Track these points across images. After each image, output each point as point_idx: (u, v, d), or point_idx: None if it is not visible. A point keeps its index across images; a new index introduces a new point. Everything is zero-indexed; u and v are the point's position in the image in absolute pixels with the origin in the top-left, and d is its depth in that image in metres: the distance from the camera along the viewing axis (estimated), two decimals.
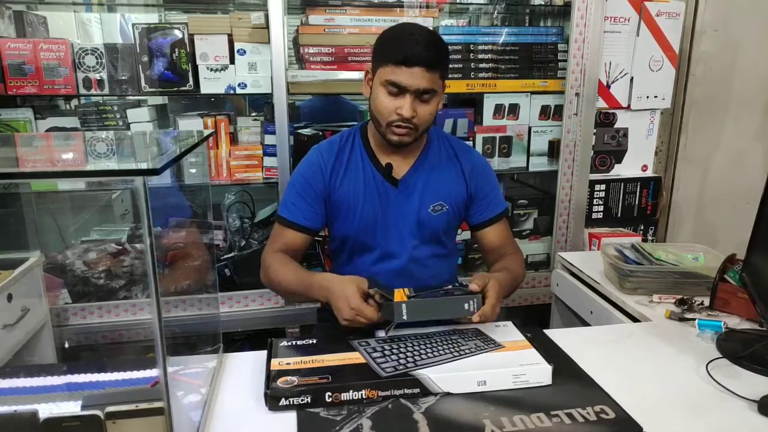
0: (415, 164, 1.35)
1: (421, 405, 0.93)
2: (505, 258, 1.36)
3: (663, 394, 0.98)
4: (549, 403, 0.94)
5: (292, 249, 1.33)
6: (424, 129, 1.28)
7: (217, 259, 1.97)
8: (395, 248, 1.34)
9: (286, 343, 1.08)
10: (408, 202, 1.34)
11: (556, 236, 2.09)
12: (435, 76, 1.21)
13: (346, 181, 1.33)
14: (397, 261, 1.34)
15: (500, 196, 1.42)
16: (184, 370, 1.03)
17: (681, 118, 2.35)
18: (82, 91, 1.77)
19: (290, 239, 1.33)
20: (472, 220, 1.40)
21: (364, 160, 1.35)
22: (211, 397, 0.96)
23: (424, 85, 1.20)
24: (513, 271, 1.31)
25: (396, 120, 1.23)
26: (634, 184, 2.19)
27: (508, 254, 1.37)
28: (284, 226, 1.34)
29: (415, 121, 1.23)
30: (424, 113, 1.24)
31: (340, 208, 1.33)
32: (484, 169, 1.41)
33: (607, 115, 2.14)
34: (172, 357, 1.08)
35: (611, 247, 1.50)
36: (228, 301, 1.93)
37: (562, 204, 2.06)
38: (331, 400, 0.93)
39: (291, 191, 1.35)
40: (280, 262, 1.30)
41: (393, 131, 1.25)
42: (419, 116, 1.23)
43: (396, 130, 1.24)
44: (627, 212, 2.20)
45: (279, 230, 1.35)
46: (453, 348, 1.05)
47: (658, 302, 1.34)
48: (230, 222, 2.05)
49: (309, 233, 1.34)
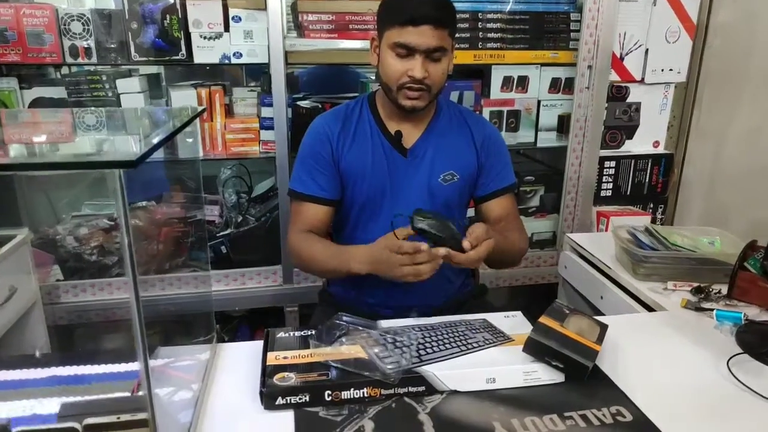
0: (425, 132, 1.29)
1: (427, 405, 0.88)
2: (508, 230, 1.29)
3: (682, 394, 0.93)
4: (562, 403, 0.89)
5: (316, 225, 1.27)
6: (438, 91, 1.22)
7: (213, 236, 1.91)
8: (403, 221, 1.27)
9: (284, 334, 1.02)
10: (418, 172, 1.27)
11: (563, 214, 2.02)
12: (444, 34, 1.16)
13: (354, 150, 1.27)
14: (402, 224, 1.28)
15: (510, 170, 1.35)
16: (174, 362, 0.98)
17: (695, 92, 2.25)
18: (69, 59, 1.67)
19: (311, 215, 1.27)
20: (477, 192, 1.34)
21: (372, 129, 1.28)
22: (203, 394, 0.90)
23: (433, 43, 1.14)
24: (509, 238, 1.25)
25: (407, 82, 1.17)
26: (645, 161, 2.11)
27: (510, 230, 1.30)
28: (302, 201, 1.28)
29: (427, 82, 1.17)
30: (436, 73, 1.17)
31: (348, 177, 1.27)
32: (495, 141, 1.34)
33: (620, 88, 2.05)
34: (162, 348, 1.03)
35: (624, 230, 1.44)
36: (224, 279, 1.87)
37: (570, 181, 1.99)
38: (331, 398, 0.87)
39: (301, 164, 1.29)
40: (308, 242, 1.24)
41: (405, 95, 1.19)
42: (431, 76, 1.17)
43: (408, 93, 1.18)
44: (637, 190, 2.13)
45: (297, 208, 1.29)
46: (460, 341, 1.00)
47: (673, 290, 1.28)
48: (226, 197, 1.97)
49: (330, 204, 1.28)
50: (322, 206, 1.27)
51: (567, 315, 1.02)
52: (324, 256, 1.22)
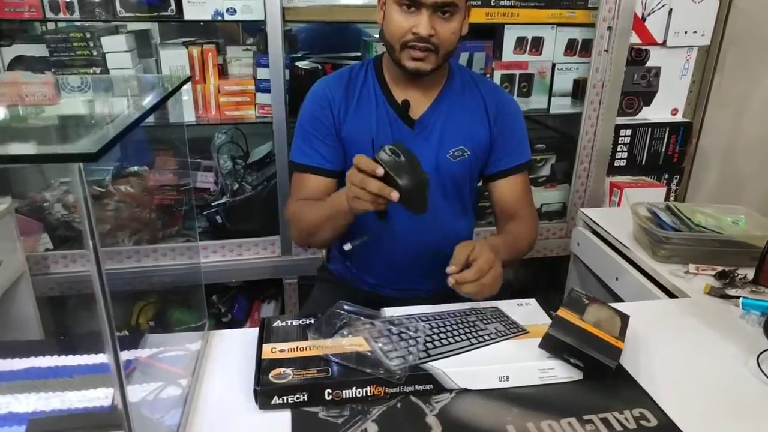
0: (435, 102, 1.18)
1: (435, 405, 0.81)
2: (514, 221, 1.20)
3: (709, 394, 0.86)
4: (580, 404, 0.82)
5: (317, 196, 1.16)
6: (446, 53, 1.10)
7: (208, 205, 1.82)
8: None
9: (281, 323, 0.94)
10: (425, 146, 1.17)
11: (574, 185, 1.93)
12: None
13: (357, 118, 1.17)
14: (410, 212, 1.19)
15: (525, 146, 1.24)
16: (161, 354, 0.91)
17: (717, 57, 2.13)
18: (49, 14, 1.54)
19: (313, 187, 1.17)
20: (487, 169, 1.24)
21: (378, 96, 1.18)
22: (193, 390, 0.83)
23: None
24: (515, 234, 1.15)
25: (411, 40, 1.06)
26: (663, 129, 2.00)
27: (519, 216, 1.21)
28: (302, 172, 1.18)
29: (434, 41, 1.06)
30: (444, 32, 1.06)
31: (349, 147, 1.17)
32: (511, 112, 1.22)
33: (639, 51, 1.92)
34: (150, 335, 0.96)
35: (643, 207, 1.35)
36: (220, 249, 1.79)
37: (584, 150, 1.88)
38: (331, 398, 0.81)
39: (301, 132, 1.19)
40: (303, 206, 1.14)
41: (409, 55, 1.08)
42: (439, 35, 1.06)
43: (412, 53, 1.07)
44: (652, 160, 2.03)
45: (298, 180, 1.19)
46: (470, 333, 0.93)
47: (695, 273, 1.20)
48: (221, 163, 1.88)
49: (333, 176, 1.18)
50: (325, 178, 1.17)
51: (586, 305, 0.95)
52: (318, 209, 1.10)
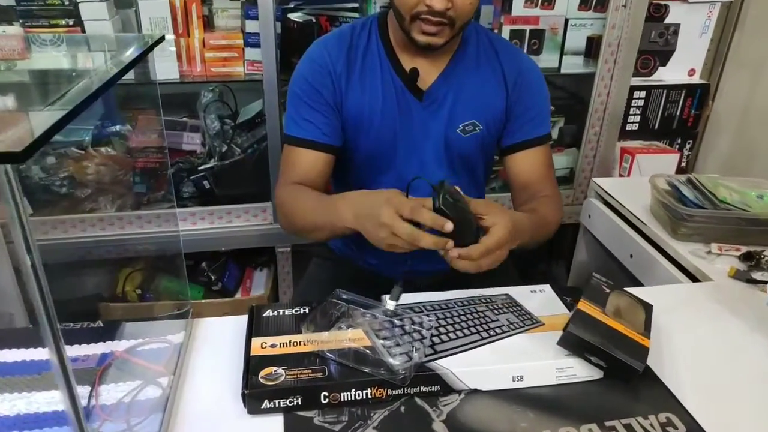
0: (446, 70, 1.05)
1: (442, 409, 0.74)
2: (537, 200, 1.07)
3: (740, 396, 0.79)
4: (602, 408, 0.75)
5: (312, 176, 1.04)
6: (462, 25, 0.98)
7: (195, 169, 1.71)
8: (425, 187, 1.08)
9: (272, 312, 0.86)
10: (434, 120, 1.05)
11: (584, 150, 1.83)
12: None
13: (360, 89, 1.04)
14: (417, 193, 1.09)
15: (546, 117, 1.12)
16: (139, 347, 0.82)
17: (739, 12, 1.99)
18: None
19: (307, 164, 1.04)
20: (503, 141, 1.12)
21: (383, 62, 1.04)
22: (174, 391, 0.75)
23: None
24: (543, 216, 1.02)
25: (424, 12, 0.93)
26: (679, 91, 1.89)
27: (540, 195, 1.08)
28: (295, 146, 1.05)
29: (450, 14, 0.93)
30: (462, 3, 0.93)
31: (352, 123, 1.05)
32: (532, 79, 1.09)
33: (658, 7, 1.78)
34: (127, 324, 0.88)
35: (662, 180, 1.26)
36: (209, 216, 1.70)
37: (595, 113, 1.77)
38: (328, 401, 0.73)
39: (295, 101, 1.05)
40: (294, 193, 1.01)
41: (420, 28, 0.95)
42: (456, 6, 0.93)
43: (424, 26, 0.95)
44: (665, 124, 1.92)
45: (290, 155, 1.06)
46: (480, 326, 0.84)
47: (717, 254, 1.12)
48: (208, 124, 1.75)
49: (330, 152, 1.05)
50: (321, 153, 1.04)
51: (607, 294, 0.87)
52: (315, 212, 0.98)
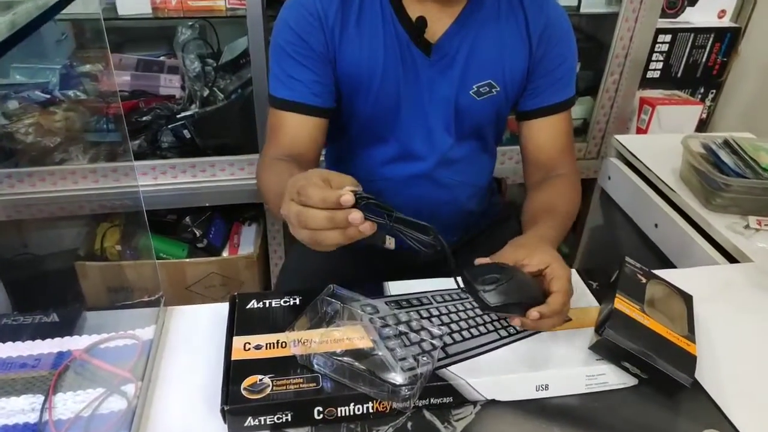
0: (459, 19, 0.88)
1: (455, 424, 0.64)
2: (552, 183, 0.93)
3: None
4: (637, 422, 0.65)
5: (301, 143, 0.88)
6: None
7: (174, 117, 1.56)
8: (419, 146, 0.93)
9: (256, 303, 0.74)
10: (443, 80, 0.89)
11: (601, 99, 1.67)
12: None
13: (357, 42, 0.86)
14: (421, 164, 0.94)
15: (571, 77, 0.96)
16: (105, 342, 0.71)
17: None
18: None
19: (295, 130, 0.88)
20: (521, 105, 0.96)
21: (385, 10, 0.86)
22: (143, 402, 0.64)
23: None
24: (561, 211, 0.88)
25: None
26: (706, 36, 1.72)
27: (557, 175, 0.94)
28: (281, 109, 0.88)
29: None
30: None
31: (347, 82, 0.89)
32: (563, 34, 0.92)
33: None
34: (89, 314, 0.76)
35: (696, 142, 1.12)
36: (191, 169, 1.55)
37: (616, 59, 1.61)
38: (323, 416, 0.63)
39: (279, 55, 0.87)
40: (268, 168, 0.85)
41: None
42: None
43: None
44: (689, 72, 1.77)
45: (276, 118, 0.89)
46: (497, 322, 0.73)
47: (756, 228, 1.01)
48: (187, 65, 1.58)
49: (322, 115, 0.89)
50: (310, 117, 0.88)
51: (644, 286, 0.75)
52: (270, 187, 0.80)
